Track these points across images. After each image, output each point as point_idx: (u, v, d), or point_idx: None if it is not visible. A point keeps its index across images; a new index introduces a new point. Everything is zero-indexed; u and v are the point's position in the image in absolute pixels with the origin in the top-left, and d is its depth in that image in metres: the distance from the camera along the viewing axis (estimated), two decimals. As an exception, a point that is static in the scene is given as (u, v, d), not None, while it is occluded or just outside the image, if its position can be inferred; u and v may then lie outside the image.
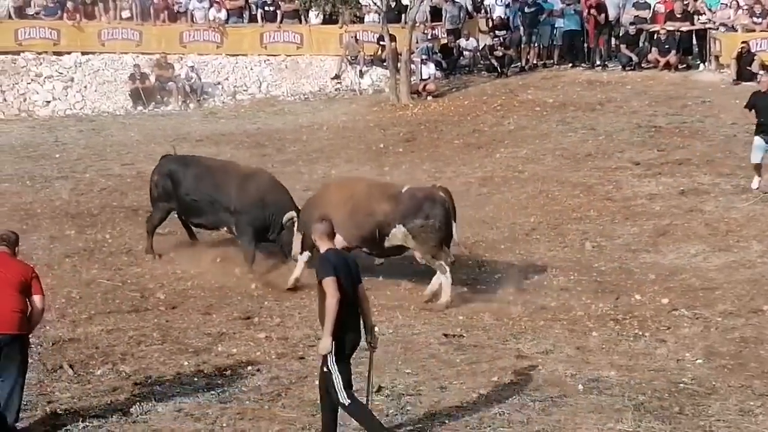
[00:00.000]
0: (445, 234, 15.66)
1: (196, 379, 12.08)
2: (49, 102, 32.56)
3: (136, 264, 17.18)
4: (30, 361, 12.49)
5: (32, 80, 32.99)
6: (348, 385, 10.01)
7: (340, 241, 13.72)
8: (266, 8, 35.01)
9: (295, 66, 34.45)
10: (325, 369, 9.98)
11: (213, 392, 11.56)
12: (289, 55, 34.67)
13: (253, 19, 35.15)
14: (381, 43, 33.27)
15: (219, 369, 12.40)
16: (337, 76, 34.02)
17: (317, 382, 10.29)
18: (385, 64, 33.03)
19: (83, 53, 33.88)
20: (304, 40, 34.79)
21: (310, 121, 29.53)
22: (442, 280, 15.60)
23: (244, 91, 33.86)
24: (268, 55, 34.66)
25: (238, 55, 34.60)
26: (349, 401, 9.98)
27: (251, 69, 34.32)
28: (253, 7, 35.28)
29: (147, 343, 13.38)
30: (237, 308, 15.00)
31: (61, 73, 33.22)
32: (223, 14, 34.76)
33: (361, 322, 10.19)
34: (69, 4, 34.15)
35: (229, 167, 18.22)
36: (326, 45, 34.83)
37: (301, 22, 35.21)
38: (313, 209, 15.92)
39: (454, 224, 15.68)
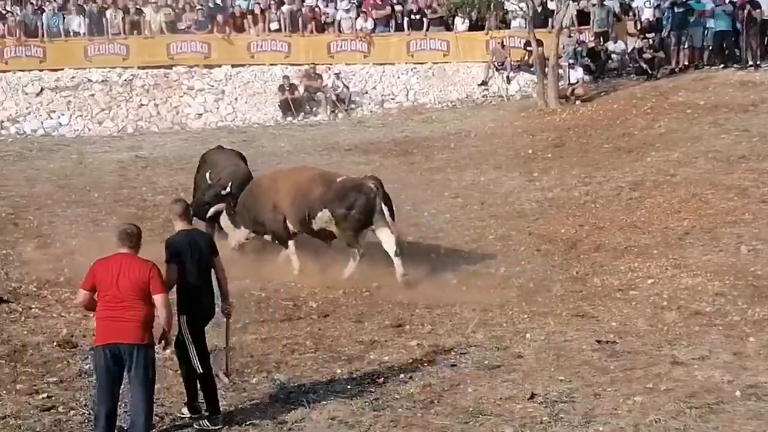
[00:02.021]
0: (365, 224, 16.94)
1: (349, 386, 12.14)
2: (201, 114, 33.19)
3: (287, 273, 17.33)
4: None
5: (184, 93, 33.64)
6: (203, 355, 10.96)
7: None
8: (412, 16, 35.20)
9: (442, 73, 34.53)
10: (181, 338, 10.89)
11: (366, 400, 11.59)
12: (436, 63, 34.78)
13: (399, 27, 35.32)
14: (528, 48, 33.16)
15: (372, 376, 12.45)
16: (484, 83, 34.00)
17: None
18: (532, 69, 32.89)
19: (233, 66, 34.42)
20: (451, 48, 34.85)
21: (458, 128, 29.57)
22: (350, 262, 16.99)
23: (392, 99, 34.05)
24: (414, 63, 34.82)
25: (385, 63, 34.81)
26: (202, 371, 10.91)
27: (398, 77, 34.49)
28: (399, 15, 35.46)
29: (300, 351, 13.49)
30: (388, 316, 15.05)
31: (212, 86, 33.80)
32: (369, 23, 35.00)
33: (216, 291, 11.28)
34: (219, 18, 34.77)
35: None
36: (473, 52, 34.86)
37: (447, 29, 35.28)
38: (260, 192, 17.97)
39: (386, 212, 16.82)
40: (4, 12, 35.25)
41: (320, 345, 13.73)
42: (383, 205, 16.83)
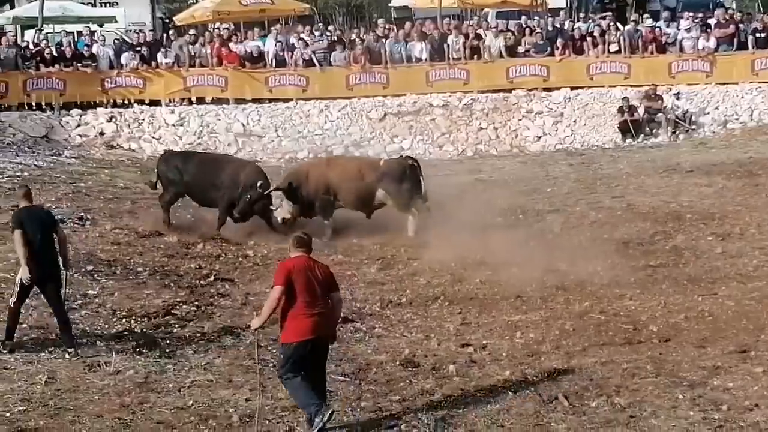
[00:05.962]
0: (414, 192, 21.41)
1: (691, 413, 11.88)
2: (539, 137, 33.39)
3: (627, 297, 17.11)
4: (526, 391, 12.84)
5: (523, 116, 33.90)
6: (21, 299, 13.79)
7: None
8: (757, 35, 34.22)
9: (791, 92, 33.50)
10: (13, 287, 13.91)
11: (709, 427, 11.35)
12: (784, 81, 33.79)
13: (743, 46, 34.42)
14: None
15: (715, 403, 12.14)
16: (830, 101, 32.79)
17: None
18: None
19: (572, 88, 34.42)
20: (801, 66, 33.79)
21: (808, 149, 28.64)
22: (410, 220, 21.48)
23: (735, 119, 33.27)
24: (759, 82, 33.87)
25: (728, 83, 34.02)
26: (12, 305, 13.75)
27: (742, 97, 33.67)
28: (743, 34, 34.57)
29: (641, 375, 13.29)
30: (732, 341, 14.58)
31: (551, 109, 33.91)
32: (712, 43, 34.26)
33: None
34: (558, 41, 34.83)
35: None
36: (821, 69, 33.67)
37: (797, 46, 34.21)
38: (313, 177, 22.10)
39: (422, 184, 21.52)
40: (352, 39, 36.40)
41: (661, 369, 13.48)
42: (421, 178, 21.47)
